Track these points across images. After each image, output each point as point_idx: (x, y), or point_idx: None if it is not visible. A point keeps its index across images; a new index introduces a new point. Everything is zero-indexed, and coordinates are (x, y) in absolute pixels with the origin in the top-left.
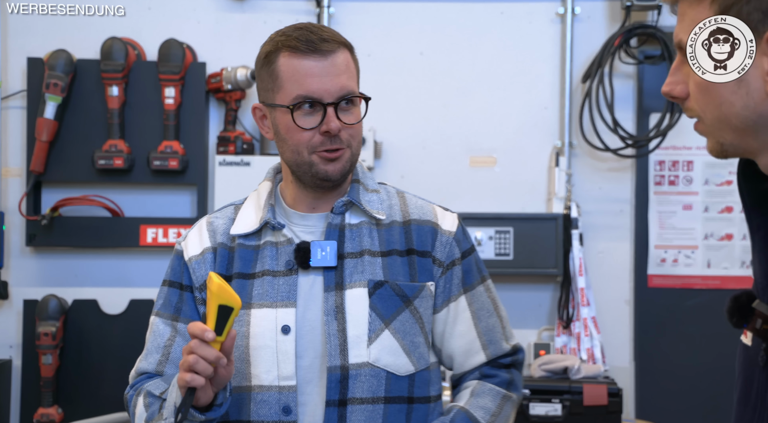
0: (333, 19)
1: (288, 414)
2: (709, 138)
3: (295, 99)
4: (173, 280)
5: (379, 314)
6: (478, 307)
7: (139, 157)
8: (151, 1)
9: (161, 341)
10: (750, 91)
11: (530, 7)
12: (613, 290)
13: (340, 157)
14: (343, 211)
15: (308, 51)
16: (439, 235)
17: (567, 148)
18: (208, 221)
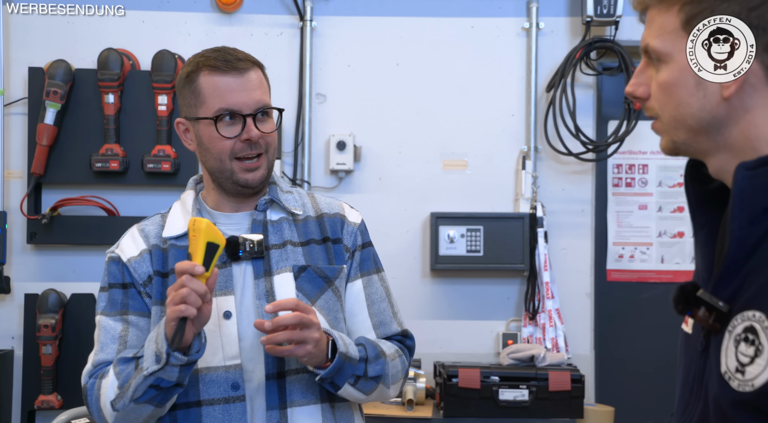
0: (315, 32)
1: (236, 390)
2: (663, 136)
3: (217, 111)
4: (113, 283)
5: (306, 294)
6: (372, 292)
7: (133, 160)
8: (145, 14)
9: (115, 333)
10: (707, 94)
11: (498, 21)
12: (575, 284)
13: (259, 166)
14: (266, 208)
15: (227, 69)
16: (346, 225)
17: (533, 153)
18: (139, 229)
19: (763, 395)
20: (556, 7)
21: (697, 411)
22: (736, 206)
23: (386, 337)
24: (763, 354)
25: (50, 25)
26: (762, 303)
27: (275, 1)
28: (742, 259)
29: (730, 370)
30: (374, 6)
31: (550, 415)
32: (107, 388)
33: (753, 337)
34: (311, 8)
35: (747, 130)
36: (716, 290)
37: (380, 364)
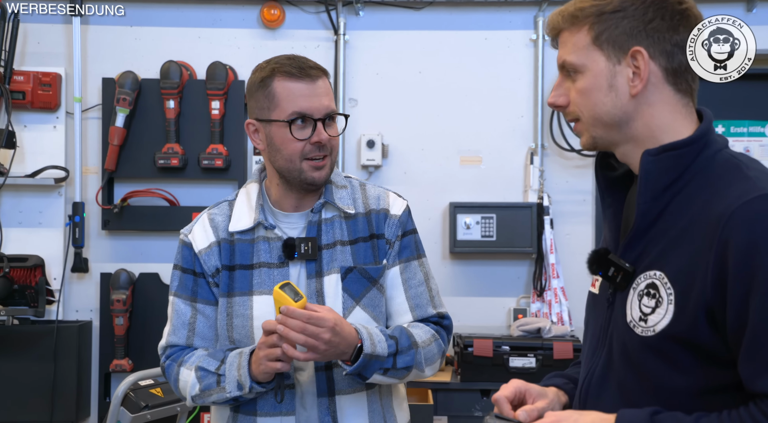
0: (348, 45)
1: (288, 378)
2: (584, 134)
3: (290, 115)
4: (186, 267)
5: (351, 295)
6: (409, 277)
7: (191, 157)
8: (201, 31)
9: (185, 319)
10: (618, 94)
11: (509, 34)
12: (577, 265)
13: (324, 165)
14: (320, 210)
15: (300, 76)
16: (388, 219)
17: (540, 149)
18: (209, 218)
19: (662, 338)
20: None
21: (603, 355)
22: (642, 185)
23: (422, 318)
24: (663, 305)
25: (119, 41)
26: (662, 264)
27: (313, 17)
28: (645, 229)
29: (634, 319)
30: (399, 21)
31: None
32: (188, 383)
33: (654, 292)
34: (344, 24)
35: (650, 122)
36: (623, 254)
37: (410, 355)
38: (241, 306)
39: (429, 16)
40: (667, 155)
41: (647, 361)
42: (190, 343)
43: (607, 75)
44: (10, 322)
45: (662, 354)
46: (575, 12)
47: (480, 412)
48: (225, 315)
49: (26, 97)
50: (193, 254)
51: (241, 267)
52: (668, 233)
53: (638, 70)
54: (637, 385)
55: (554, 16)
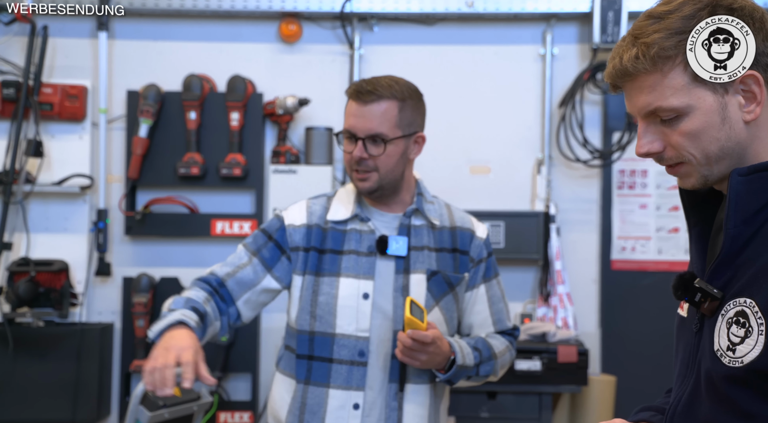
0: (362, 59)
1: (362, 356)
2: (692, 176)
3: (342, 130)
4: (266, 230)
5: (433, 295)
6: (492, 294)
7: (210, 166)
8: (222, 45)
9: (237, 261)
10: (732, 125)
11: (518, 48)
12: (583, 272)
13: (367, 178)
14: (411, 214)
15: (356, 99)
16: (474, 239)
17: (547, 160)
18: (308, 205)
19: (750, 371)
20: (567, 36)
21: (690, 383)
22: (732, 208)
23: (502, 331)
24: (753, 335)
25: (144, 55)
26: (752, 291)
27: (329, 33)
28: (735, 254)
29: (722, 348)
30: (412, 36)
31: (559, 382)
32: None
33: (744, 320)
34: (359, 39)
35: (759, 147)
36: (711, 279)
37: (490, 366)
38: (328, 285)
39: (441, 31)
40: (758, 176)
41: (734, 391)
42: (225, 278)
43: (718, 109)
44: (36, 324)
45: (750, 385)
46: (661, 52)
47: (487, 414)
48: (311, 292)
49: (54, 109)
50: (281, 224)
51: (332, 251)
52: (760, 259)
53: (752, 94)
54: (724, 414)
55: (628, 60)
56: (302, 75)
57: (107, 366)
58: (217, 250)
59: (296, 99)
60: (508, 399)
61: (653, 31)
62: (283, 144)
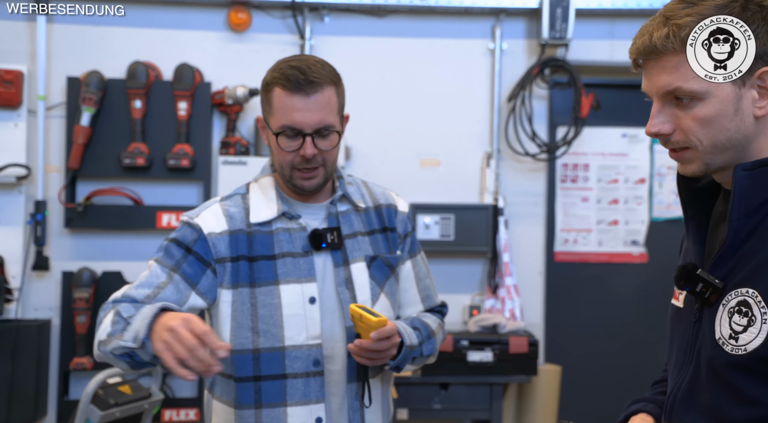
0: (313, 49)
1: (317, 365)
2: (695, 162)
3: (280, 127)
4: (181, 241)
5: (377, 282)
6: (418, 270)
7: (156, 157)
8: (168, 32)
9: (155, 281)
10: (743, 117)
11: (467, 43)
12: (529, 264)
13: (315, 176)
14: (337, 201)
15: (296, 90)
16: (398, 214)
17: (495, 153)
18: (224, 208)
19: (753, 358)
20: (516, 31)
21: (690, 371)
22: (736, 201)
23: (431, 308)
24: (756, 324)
25: (84, 40)
26: (755, 282)
27: (279, 22)
28: (737, 246)
29: (723, 336)
30: (363, 28)
31: (510, 373)
32: (103, 327)
33: (746, 310)
34: (310, 29)
35: (763, 143)
36: (712, 270)
37: (432, 343)
38: (267, 296)
39: (392, 23)
40: (762, 170)
41: (737, 378)
42: (145, 301)
43: (734, 99)
44: None
45: (753, 372)
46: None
47: (439, 405)
48: (248, 305)
49: None
50: (199, 235)
51: (263, 258)
52: (762, 250)
53: (766, 90)
54: (726, 400)
55: (659, 38)
56: (252, 64)
57: (44, 364)
58: None
59: (247, 89)
60: (460, 390)
61: (686, 14)
62: (232, 135)
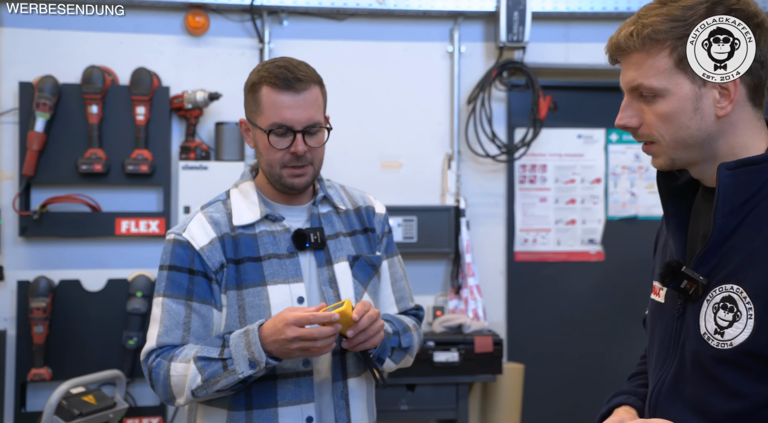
0: (272, 53)
1: (307, 365)
2: (661, 156)
3: (271, 125)
4: (178, 266)
5: (360, 281)
6: (394, 272)
7: (114, 163)
8: (123, 36)
9: (179, 319)
10: (704, 116)
11: (426, 46)
12: (491, 264)
13: (305, 173)
14: (318, 203)
15: (285, 87)
16: (376, 215)
17: (456, 155)
18: (207, 216)
19: (739, 352)
20: (474, 34)
21: (674, 365)
22: (720, 199)
23: (404, 310)
24: (741, 319)
25: (37, 45)
26: (739, 278)
27: (238, 26)
28: (721, 243)
29: (709, 331)
30: (322, 31)
31: (475, 372)
32: (186, 377)
33: (731, 305)
34: (269, 33)
35: (731, 141)
36: (696, 266)
37: (409, 337)
38: (254, 297)
39: (351, 26)
40: (745, 170)
41: (722, 371)
42: (185, 342)
43: (693, 98)
44: None
45: (738, 365)
46: (652, 34)
47: (406, 406)
48: (236, 308)
49: None
50: (192, 252)
51: (249, 259)
52: (745, 247)
53: (726, 91)
54: (711, 393)
55: (623, 36)
56: (210, 68)
57: (0, 373)
58: (122, 251)
59: (206, 93)
60: (427, 390)
61: (654, 14)
62: (192, 139)
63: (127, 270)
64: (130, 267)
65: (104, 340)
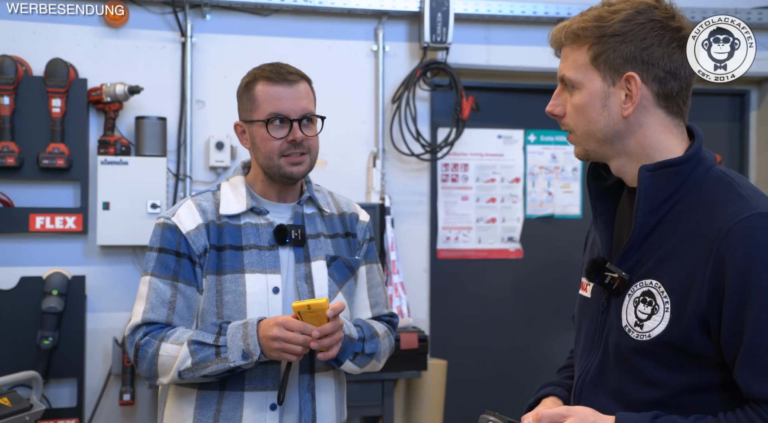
0: (195, 47)
1: None
2: (577, 146)
3: (268, 115)
4: (166, 248)
5: (335, 280)
6: (372, 277)
7: (28, 156)
8: (36, 25)
9: (165, 297)
10: (611, 114)
11: (351, 44)
12: (415, 261)
13: (302, 161)
14: (304, 203)
15: (279, 80)
16: (359, 223)
17: (381, 153)
18: (195, 203)
19: (656, 343)
20: (398, 34)
21: (598, 356)
22: (641, 199)
23: (379, 316)
24: (659, 312)
25: None
26: (658, 273)
27: (159, 18)
28: (641, 240)
29: (629, 324)
30: (246, 26)
31: (401, 368)
32: (176, 358)
33: (650, 299)
34: (191, 26)
35: (641, 141)
36: (619, 263)
37: (375, 343)
38: (232, 283)
39: (275, 22)
40: (663, 172)
41: (641, 362)
42: (169, 321)
43: (602, 95)
44: None
45: (656, 356)
46: (577, 31)
47: None
48: (214, 292)
49: None
50: (179, 236)
51: (231, 247)
52: (664, 245)
53: (631, 93)
54: (631, 382)
55: (557, 31)
56: (130, 61)
57: None
58: (36, 248)
59: (126, 86)
60: (353, 388)
61: (589, 14)
62: (111, 134)
63: (42, 267)
64: (45, 264)
65: (17, 341)
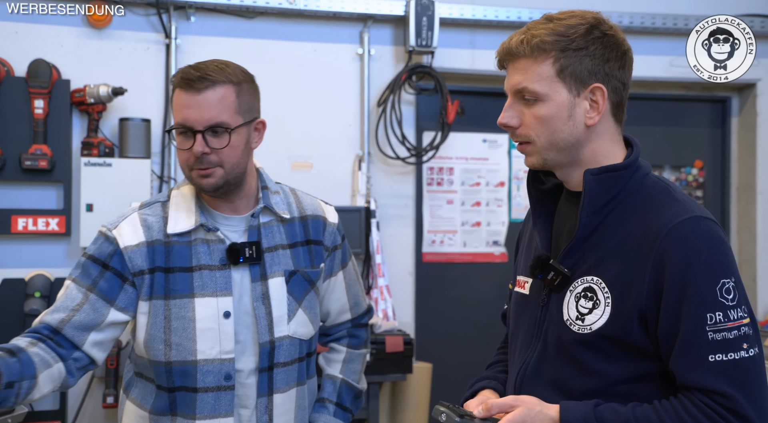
0: (179, 49)
1: (229, 380)
2: (535, 155)
3: (174, 125)
4: (97, 257)
5: (294, 297)
6: (349, 279)
7: (10, 157)
8: (18, 25)
9: (71, 304)
10: (576, 123)
11: (336, 47)
12: (400, 264)
13: (211, 174)
14: (259, 214)
15: (186, 88)
16: (327, 226)
17: (366, 157)
18: (141, 218)
19: (597, 335)
20: (384, 38)
21: (537, 349)
22: (585, 201)
23: (359, 314)
24: (600, 307)
25: None
26: (600, 271)
27: (143, 20)
28: (584, 239)
29: (571, 318)
30: (231, 29)
31: (387, 372)
32: None
33: (592, 295)
34: (175, 28)
35: (595, 149)
36: (562, 260)
37: (359, 401)
38: (181, 308)
39: (260, 25)
40: (607, 176)
41: (582, 354)
42: (59, 328)
43: (568, 106)
44: None
45: (596, 348)
46: (540, 44)
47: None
48: (161, 318)
49: None
50: (115, 249)
51: (180, 269)
52: (605, 244)
53: (596, 104)
54: (571, 373)
55: (515, 43)
56: (114, 63)
57: None
58: (19, 249)
59: (110, 88)
60: None
61: (542, 27)
62: (95, 135)
63: (24, 269)
64: (27, 266)
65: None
